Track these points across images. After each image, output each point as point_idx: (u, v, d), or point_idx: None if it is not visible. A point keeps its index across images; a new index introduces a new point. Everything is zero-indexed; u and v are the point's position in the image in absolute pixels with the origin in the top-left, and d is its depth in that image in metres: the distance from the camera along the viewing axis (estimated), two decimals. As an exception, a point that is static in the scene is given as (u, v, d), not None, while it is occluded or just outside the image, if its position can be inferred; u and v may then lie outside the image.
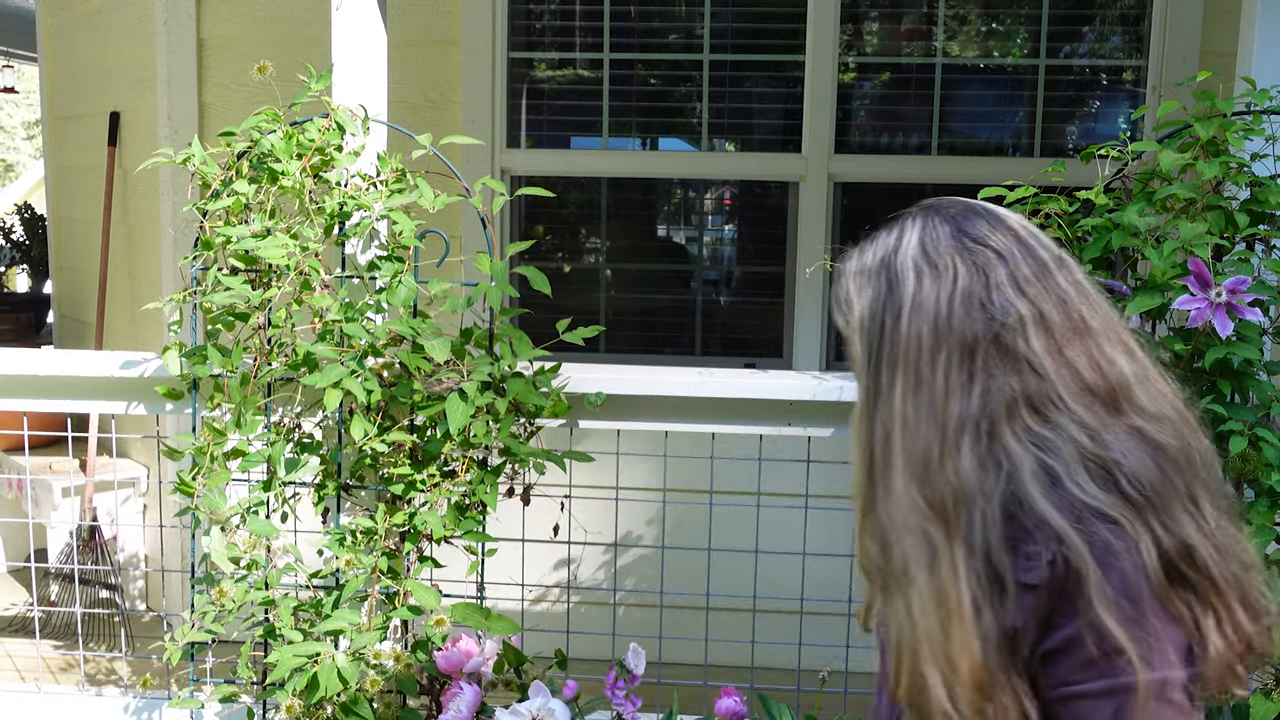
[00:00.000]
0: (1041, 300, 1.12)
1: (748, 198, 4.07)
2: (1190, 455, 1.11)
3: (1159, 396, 1.14)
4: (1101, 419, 1.09)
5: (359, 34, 2.62)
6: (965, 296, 1.12)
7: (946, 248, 1.15)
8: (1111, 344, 1.13)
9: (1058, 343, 1.11)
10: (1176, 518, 1.05)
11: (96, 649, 3.83)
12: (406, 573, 2.47)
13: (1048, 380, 1.10)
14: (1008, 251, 1.14)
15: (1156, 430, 1.10)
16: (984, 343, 1.11)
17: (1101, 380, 1.11)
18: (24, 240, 7.02)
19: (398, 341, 2.45)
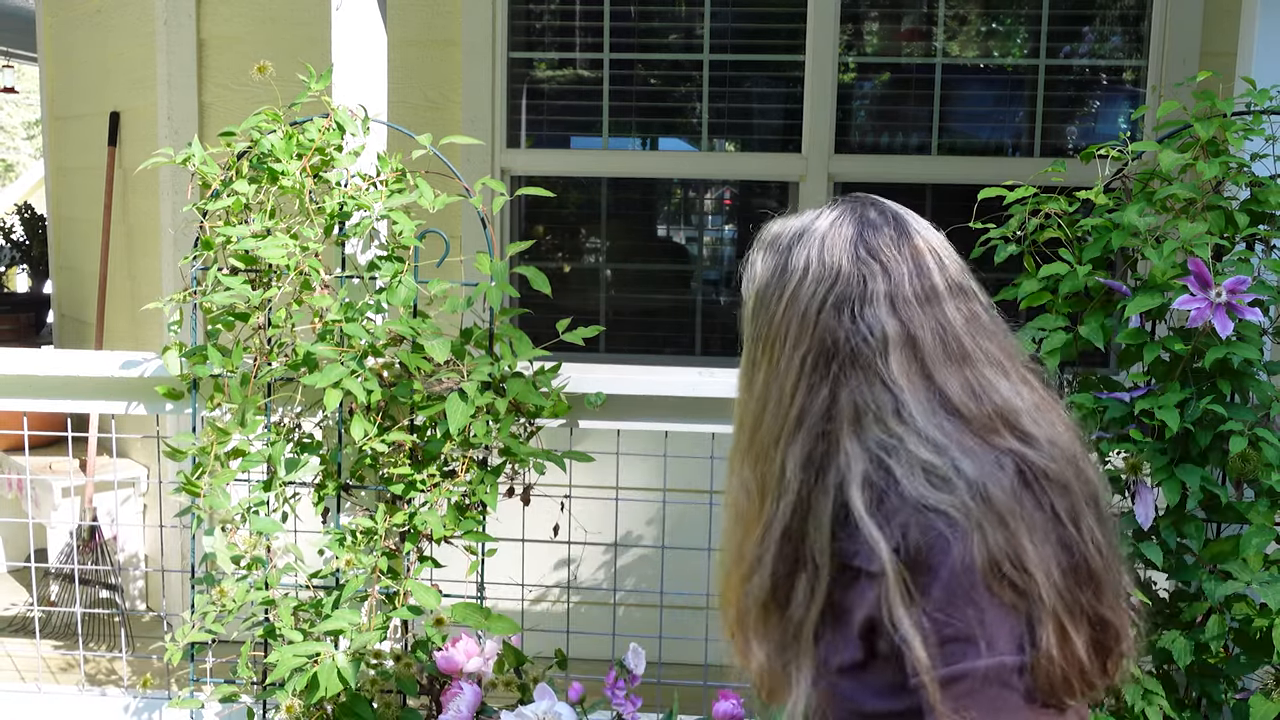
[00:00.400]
0: (915, 323, 1.13)
1: (748, 198, 4.07)
2: (1069, 483, 1.10)
3: (1050, 426, 1.13)
4: (959, 437, 1.09)
5: (359, 34, 2.62)
6: (838, 302, 1.15)
7: (841, 250, 1.17)
8: (997, 373, 1.14)
9: (924, 365, 1.12)
10: (1014, 529, 1.04)
11: (96, 649, 3.83)
12: (406, 573, 2.47)
13: (901, 397, 1.11)
14: (897, 269, 1.15)
15: (1036, 455, 1.09)
16: (843, 351, 1.14)
17: (975, 405, 1.11)
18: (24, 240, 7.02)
19: (398, 341, 2.45)
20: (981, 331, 1.16)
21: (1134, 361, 2.16)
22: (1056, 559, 1.06)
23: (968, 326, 1.15)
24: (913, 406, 1.10)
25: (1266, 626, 1.96)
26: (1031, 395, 1.15)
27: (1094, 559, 1.08)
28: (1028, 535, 1.05)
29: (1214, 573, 2.04)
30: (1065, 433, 1.14)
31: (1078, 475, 1.11)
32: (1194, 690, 2.14)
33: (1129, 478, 2.11)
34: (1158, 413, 2.04)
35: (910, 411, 1.10)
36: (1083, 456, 1.14)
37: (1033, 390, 1.16)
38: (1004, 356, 1.16)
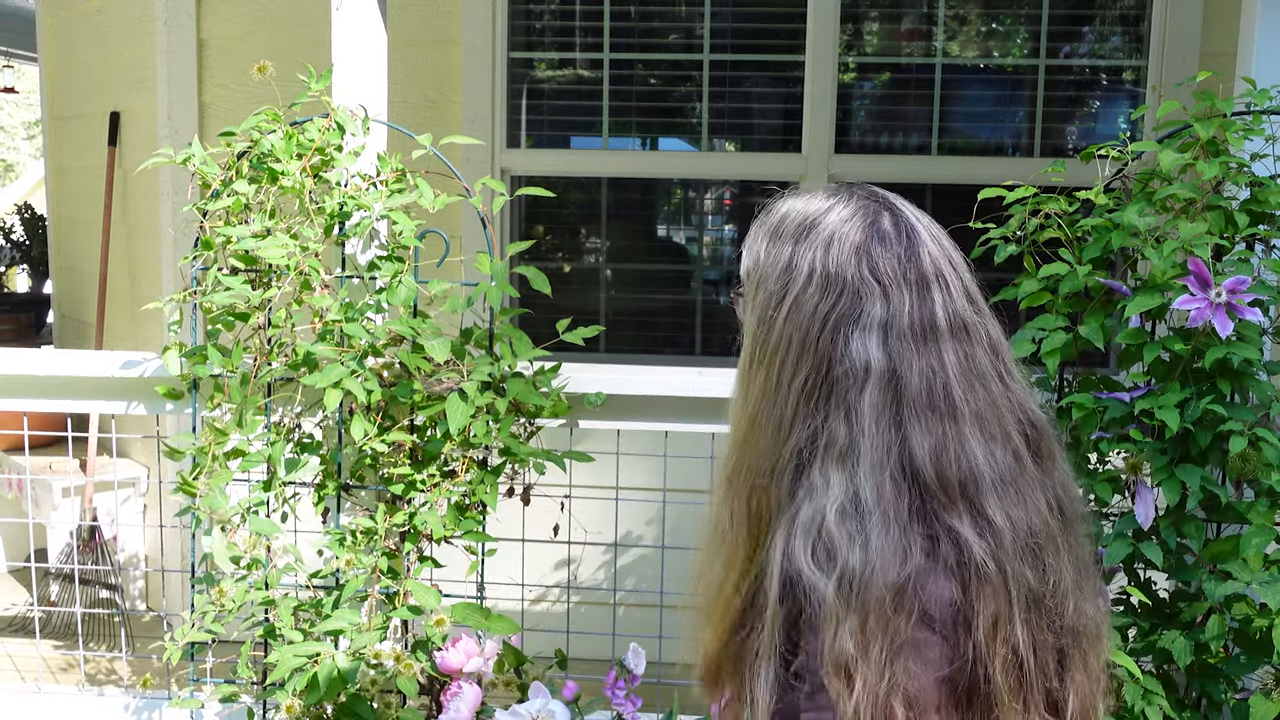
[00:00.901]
0: (904, 362, 1.01)
1: (748, 198, 4.07)
2: (1006, 583, 0.98)
3: (1020, 505, 1.01)
4: (892, 505, 0.98)
5: (359, 34, 2.62)
6: (837, 322, 1.03)
7: (847, 260, 1.04)
8: (979, 435, 1.01)
9: (899, 411, 1.00)
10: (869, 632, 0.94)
11: (96, 649, 3.83)
12: (406, 573, 2.47)
13: (857, 441, 1.00)
14: (897, 296, 1.03)
15: (979, 546, 0.97)
16: (835, 375, 1.02)
17: (938, 470, 0.99)
18: (24, 240, 7.02)
19: (398, 341, 2.45)
20: (977, 380, 1.03)
21: (1134, 361, 2.16)
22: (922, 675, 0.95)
23: (962, 373, 1.03)
24: (864, 454, 0.99)
25: (1266, 626, 1.96)
26: (1013, 465, 1.02)
27: (999, 676, 0.96)
28: (883, 642, 0.94)
29: (1214, 573, 2.04)
30: (1039, 515, 1.02)
31: (1034, 569, 1.00)
32: (1194, 690, 2.14)
33: (1129, 478, 2.11)
34: (1158, 413, 2.04)
35: (859, 457, 0.99)
36: (1053, 547, 1.02)
37: (1019, 459, 1.03)
38: (996, 413, 1.03)
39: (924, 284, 1.04)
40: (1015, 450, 1.03)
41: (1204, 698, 2.14)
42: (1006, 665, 0.97)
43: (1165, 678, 2.16)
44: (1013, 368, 1.08)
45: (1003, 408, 1.04)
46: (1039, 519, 1.02)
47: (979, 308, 1.08)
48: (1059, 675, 1.01)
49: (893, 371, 1.01)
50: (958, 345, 1.03)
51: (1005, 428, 1.03)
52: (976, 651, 0.96)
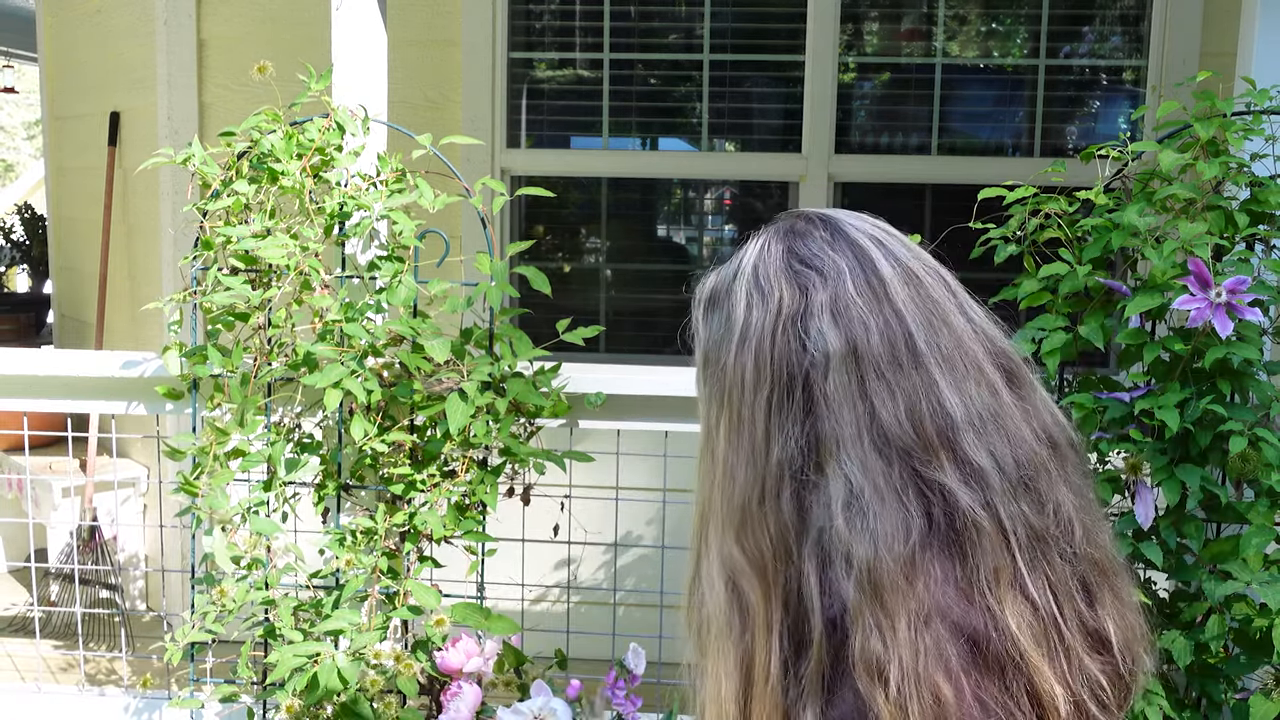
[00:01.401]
0: (856, 326, 0.96)
1: (748, 198, 4.07)
2: (1007, 537, 0.93)
3: (1005, 440, 0.96)
4: (881, 475, 0.93)
5: (359, 34, 2.62)
6: (786, 326, 0.98)
7: (776, 270, 1.01)
8: (949, 374, 0.96)
9: (862, 381, 0.95)
10: (891, 609, 0.89)
11: (96, 649, 3.83)
12: (406, 573, 2.47)
13: (836, 428, 0.94)
14: (835, 271, 0.99)
15: (967, 496, 0.93)
16: (799, 378, 0.96)
17: (911, 427, 0.94)
18: (24, 240, 7.02)
19: (398, 341, 2.45)
20: (938, 319, 0.98)
21: (1134, 361, 2.16)
22: (954, 640, 0.90)
23: (922, 315, 0.98)
24: (843, 439, 0.94)
25: (1266, 626, 1.96)
26: (991, 400, 0.97)
27: (1010, 616, 0.92)
28: (907, 616, 0.89)
29: (1214, 573, 2.04)
30: (1025, 446, 0.97)
31: (1030, 501, 0.95)
32: (1194, 690, 2.14)
33: (1129, 478, 2.11)
34: (1158, 413, 2.04)
35: (839, 445, 0.94)
36: (1043, 473, 0.97)
37: (995, 392, 0.98)
38: (963, 350, 0.98)
39: (858, 248, 1.01)
40: (990, 384, 0.98)
41: (1204, 698, 2.14)
42: (1020, 616, 0.92)
43: (1165, 678, 2.16)
44: (971, 300, 1.04)
45: (969, 341, 0.99)
46: (1025, 450, 0.97)
47: (927, 262, 1.04)
48: (1089, 605, 0.96)
49: (850, 343, 0.96)
50: (910, 291, 0.99)
51: (978, 362, 0.98)
52: (984, 603, 0.91)
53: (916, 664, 0.89)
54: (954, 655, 0.90)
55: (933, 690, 0.89)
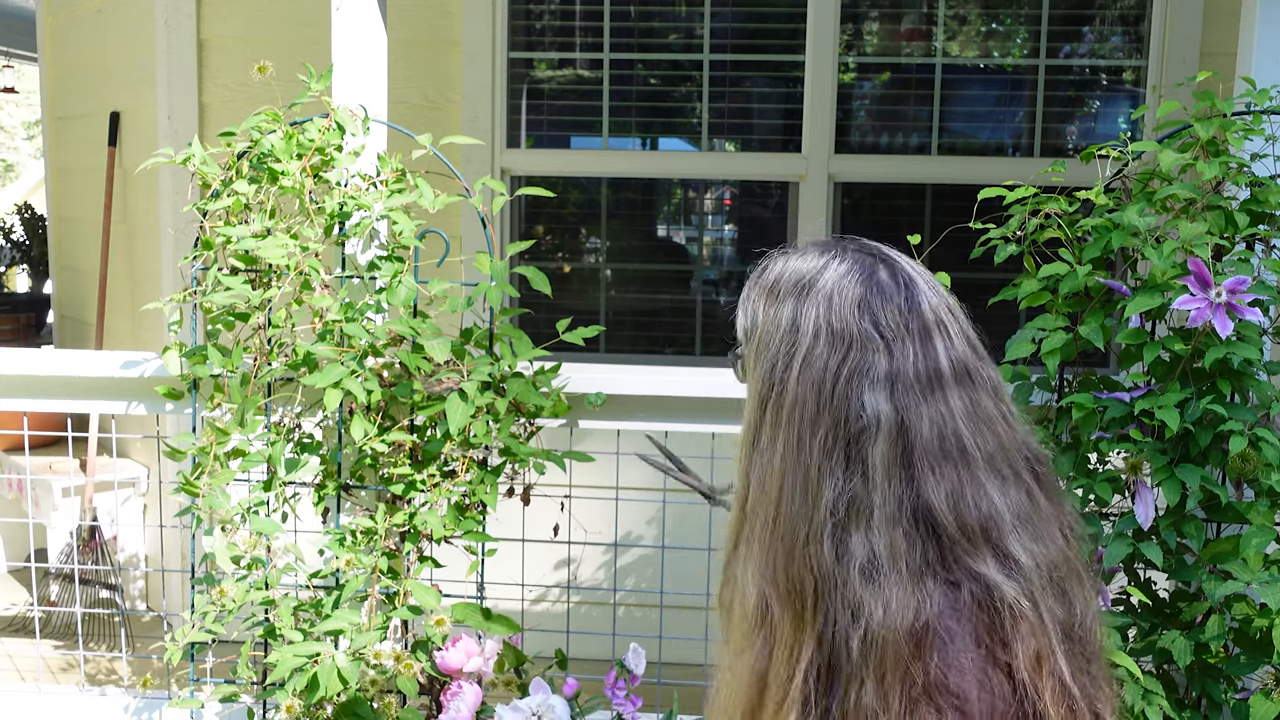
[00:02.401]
0: (911, 411, 1.00)
1: (748, 198, 4.07)
2: (1042, 617, 0.99)
3: (1040, 541, 1.02)
4: (905, 558, 0.98)
5: (359, 34, 2.62)
6: (849, 377, 1.02)
7: (851, 314, 1.04)
8: (993, 477, 1.02)
9: (910, 462, 1.00)
10: (888, 685, 0.95)
11: (96, 649, 3.83)
12: (406, 573, 2.47)
13: (873, 495, 0.99)
14: (901, 349, 1.02)
15: (1010, 586, 0.98)
16: (853, 433, 1.01)
17: (956, 516, 0.99)
18: (24, 240, 7.02)
19: (398, 341, 2.45)
20: (984, 423, 1.03)
21: (1134, 361, 2.16)
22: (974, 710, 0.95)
23: (969, 417, 1.03)
24: (877, 508, 0.99)
25: (1266, 626, 1.96)
26: (1028, 503, 1.03)
27: (1050, 708, 0.97)
28: (901, 693, 0.94)
29: (1214, 572, 2.04)
30: (1059, 548, 1.03)
31: (1060, 601, 1.01)
32: (1194, 690, 2.14)
33: (1129, 478, 2.11)
34: (1158, 413, 2.04)
35: (873, 511, 0.99)
36: (1073, 576, 1.03)
37: (1031, 497, 1.04)
38: (1005, 454, 1.04)
39: (926, 333, 1.04)
40: (1028, 489, 1.04)
41: (1204, 698, 2.14)
42: (1056, 698, 0.97)
43: (1165, 678, 2.16)
44: (1013, 408, 1.09)
45: (1010, 448, 1.05)
46: (1058, 552, 1.02)
47: (979, 353, 1.08)
48: (1092, 699, 1.02)
49: (901, 423, 1.00)
50: (963, 391, 1.03)
51: (1016, 468, 1.04)
52: (1023, 690, 0.96)
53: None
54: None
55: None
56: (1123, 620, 2.10)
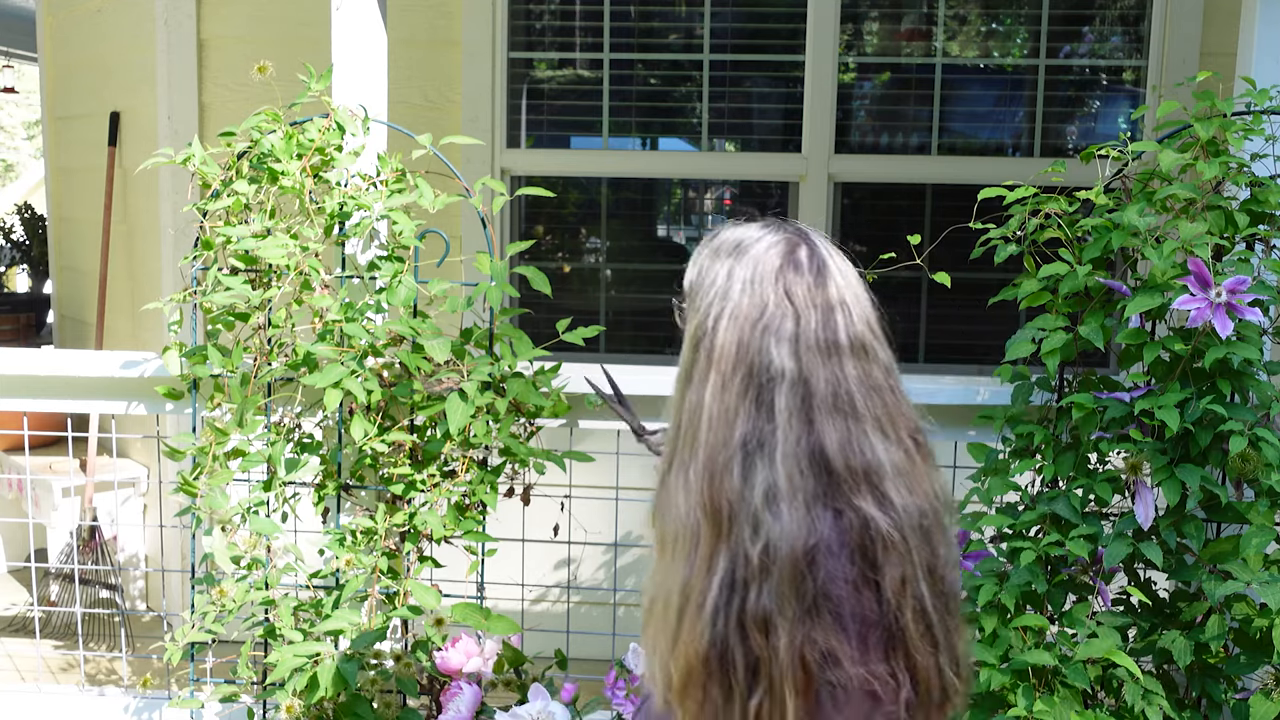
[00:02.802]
0: (812, 369, 1.20)
1: (748, 198, 4.07)
2: (910, 551, 1.18)
3: (911, 493, 1.21)
4: (803, 488, 1.17)
5: (359, 34, 2.62)
6: (761, 333, 1.21)
7: (767, 282, 1.23)
8: (878, 434, 1.21)
9: (810, 410, 1.19)
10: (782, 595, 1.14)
11: (96, 649, 3.83)
12: (406, 573, 2.47)
13: (777, 433, 1.18)
14: (806, 316, 1.22)
15: (884, 520, 1.17)
16: (763, 381, 1.20)
17: (844, 459, 1.19)
18: (24, 240, 7.02)
19: (398, 341, 2.45)
20: (874, 391, 1.23)
21: (1134, 361, 2.16)
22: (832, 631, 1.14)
23: (861, 384, 1.22)
24: (779, 445, 1.18)
25: (1266, 626, 1.96)
26: (906, 462, 1.22)
27: (911, 624, 1.17)
28: (795, 602, 1.13)
29: (1214, 573, 2.04)
30: (930, 503, 1.22)
31: (925, 542, 1.20)
32: (1194, 690, 2.14)
33: (1129, 478, 2.11)
34: (1158, 413, 2.04)
35: (775, 450, 1.18)
36: (938, 527, 1.23)
37: (910, 457, 1.23)
38: (890, 419, 1.23)
39: (829, 309, 1.23)
40: (907, 450, 1.24)
41: (1204, 698, 2.14)
42: (915, 617, 1.17)
43: (1165, 678, 2.16)
44: (900, 385, 1.28)
45: (895, 415, 1.24)
46: (928, 506, 1.22)
47: (876, 335, 1.27)
48: (948, 630, 1.23)
49: (803, 377, 1.20)
50: (857, 362, 1.23)
51: (898, 432, 1.24)
52: (887, 607, 1.16)
53: (795, 640, 1.14)
54: (833, 643, 1.14)
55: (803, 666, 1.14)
56: (1123, 620, 2.10)
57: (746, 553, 1.16)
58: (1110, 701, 2.08)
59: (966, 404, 2.50)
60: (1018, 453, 2.28)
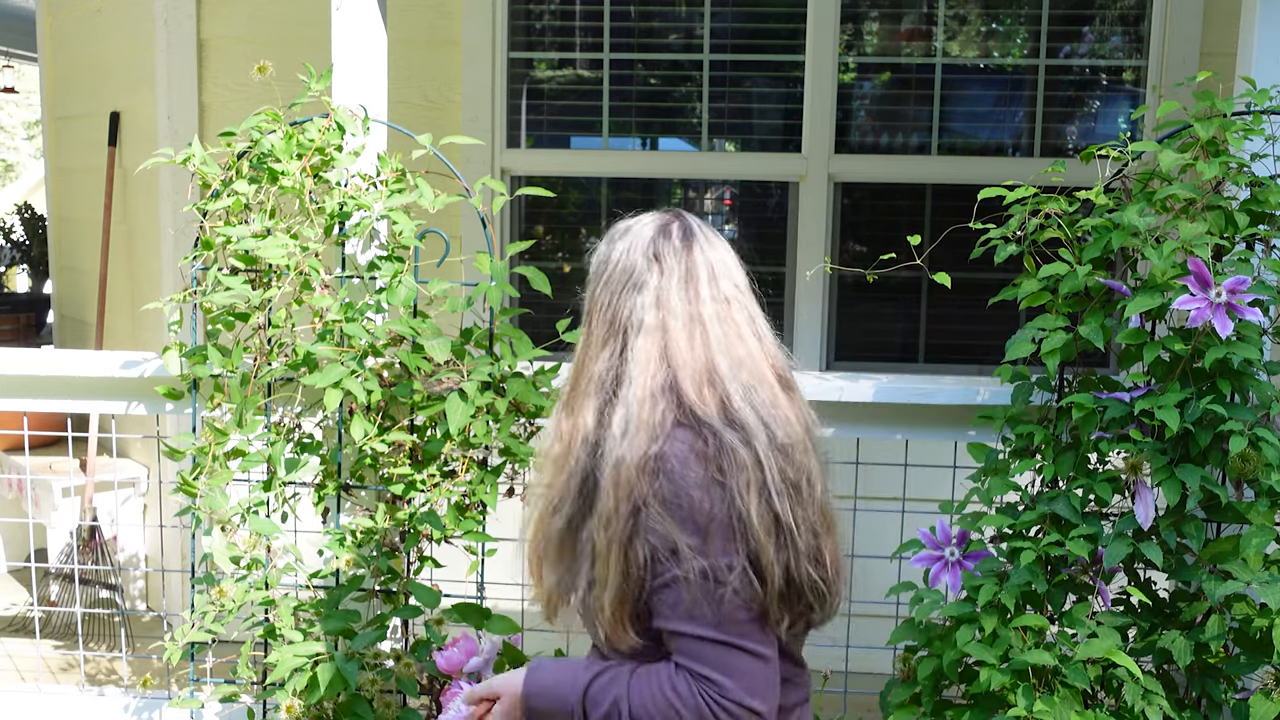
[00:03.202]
0: (668, 314, 1.46)
1: (748, 198, 4.07)
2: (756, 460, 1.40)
3: (773, 418, 1.44)
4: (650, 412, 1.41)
5: (359, 34, 2.62)
6: (630, 288, 1.48)
7: (640, 249, 1.50)
8: (735, 370, 1.44)
9: (667, 354, 1.44)
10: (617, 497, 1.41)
11: (96, 649, 3.83)
12: (406, 573, 2.47)
13: (633, 372, 1.44)
14: (670, 272, 1.48)
15: (730, 435, 1.40)
16: (623, 327, 1.47)
17: (696, 395, 1.42)
18: (24, 240, 7.02)
19: (398, 341, 2.45)
20: (737, 339, 1.46)
21: (1134, 361, 2.16)
22: (664, 524, 1.37)
23: (721, 325, 1.46)
24: (635, 381, 1.43)
25: (1266, 626, 1.96)
26: (770, 396, 1.45)
27: (757, 525, 1.38)
28: (628, 501, 1.39)
29: (1214, 573, 2.04)
30: (791, 428, 1.45)
31: (785, 458, 1.42)
32: (1194, 690, 2.14)
33: (1129, 478, 2.11)
34: (1158, 413, 2.04)
35: (631, 384, 1.43)
36: (801, 446, 1.46)
37: (772, 389, 1.46)
38: (753, 360, 1.46)
39: (694, 271, 1.48)
40: (770, 384, 1.47)
41: (1204, 698, 2.14)
42: (760, 512, 1.39)
43: (1165, 678, 2.16)
44: (767, 332, 1.51)
45: (759, 358, 1.48)
46: (791, 430, 1.45)
47: (743, 291, 1.51)
48: (816, 538, 1.46)
49: (661, 324, 1.45)
50: (718, 307, 1.47)
51: (762, 371, 1.47)
52: (734, 505, 1.38)
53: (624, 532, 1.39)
54: (664, 534, 1.37)
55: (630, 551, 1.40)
56: (1123, 620, 2.10)
57: (599, 471, 1.43)
58: (1110, 701, 2.08)
59: (966, 404, 2.50)
60: (1018, 453, 2.28)
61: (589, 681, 1.45)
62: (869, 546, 2.70)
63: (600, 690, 1.44)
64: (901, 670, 2.32)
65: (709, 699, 1.36)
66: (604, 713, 1.42)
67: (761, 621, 1.40)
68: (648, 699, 1.39)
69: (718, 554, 1.36)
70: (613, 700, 1.41)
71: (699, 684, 1.36)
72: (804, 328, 3.85)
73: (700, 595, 1.36)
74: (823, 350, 3.87)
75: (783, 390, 1.48)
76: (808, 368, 3.83)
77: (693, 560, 1.35)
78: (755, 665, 1.37)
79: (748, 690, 1.36)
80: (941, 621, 2.25)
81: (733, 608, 1.36)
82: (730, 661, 1.36)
